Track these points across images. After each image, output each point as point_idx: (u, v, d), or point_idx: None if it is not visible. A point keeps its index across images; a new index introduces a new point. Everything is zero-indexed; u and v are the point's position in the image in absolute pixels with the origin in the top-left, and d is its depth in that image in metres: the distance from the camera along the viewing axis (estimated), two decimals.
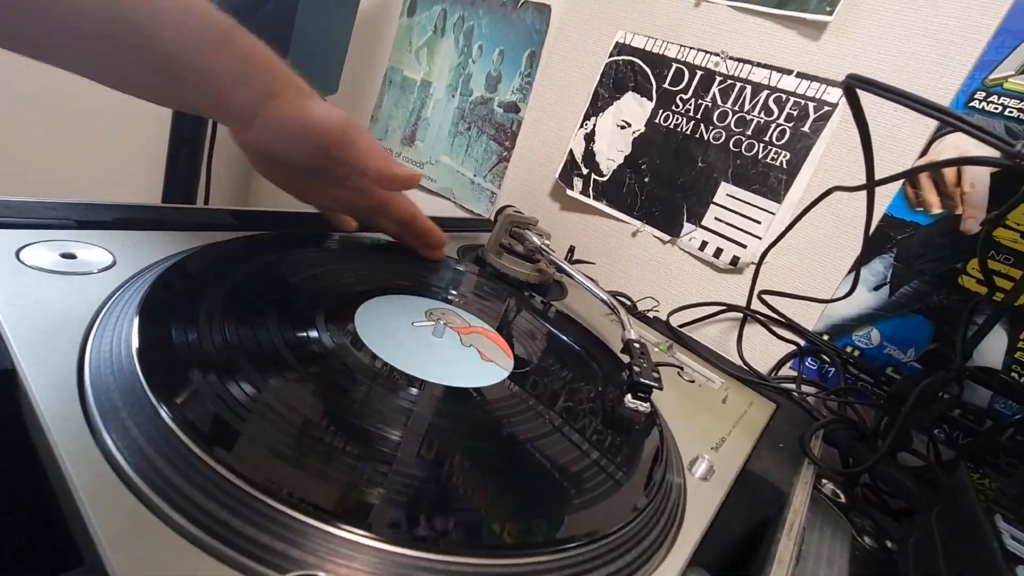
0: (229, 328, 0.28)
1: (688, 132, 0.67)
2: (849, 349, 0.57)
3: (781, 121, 0.60)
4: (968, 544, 0.26)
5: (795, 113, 0.59)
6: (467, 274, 0.52)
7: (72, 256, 0.31)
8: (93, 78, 0.33)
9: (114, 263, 0.32)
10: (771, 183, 0.61)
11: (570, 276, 0.51)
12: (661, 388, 0.36)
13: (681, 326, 0.61)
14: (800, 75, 0.59)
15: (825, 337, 0.59)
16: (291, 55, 0.61)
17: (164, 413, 0.21)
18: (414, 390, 0.30)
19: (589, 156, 0.74)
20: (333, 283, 0.39)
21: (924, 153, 0.53)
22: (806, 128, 0.59)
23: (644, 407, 0.36)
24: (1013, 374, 0.49)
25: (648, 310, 0.63)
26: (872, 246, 0.55)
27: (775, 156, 0.61)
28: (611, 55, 0.72)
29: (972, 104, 0.50)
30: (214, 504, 0.19)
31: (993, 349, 0.49)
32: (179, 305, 0.29)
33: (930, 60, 0.52)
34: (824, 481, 0.38)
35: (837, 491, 0.37)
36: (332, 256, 0.44)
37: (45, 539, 0.24)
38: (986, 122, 0.49)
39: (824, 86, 0.57)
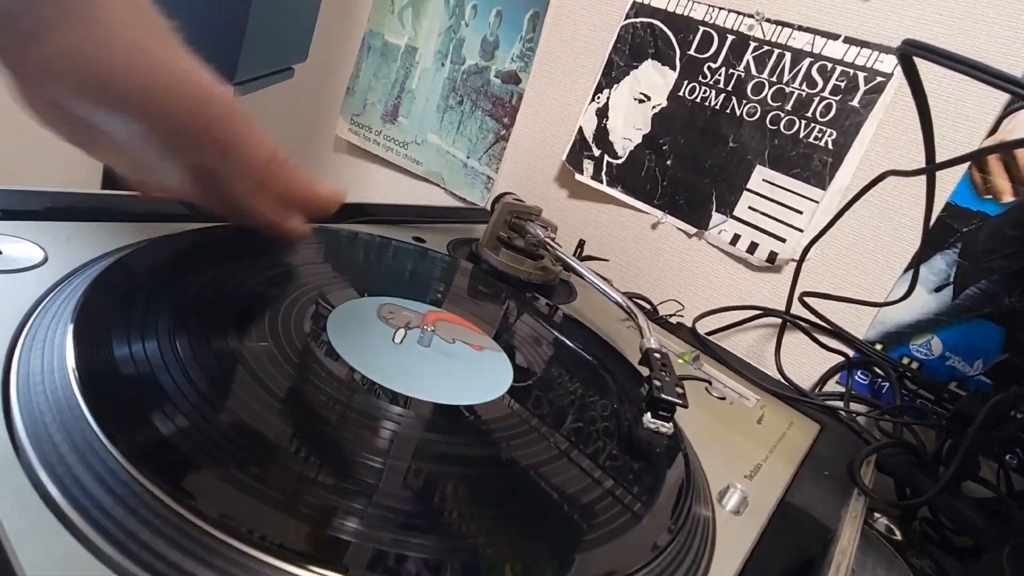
0: (180, 338, 0.28)
1: (717, 107, 0.67)
2: (906, 360, 0.57)
3: (826, 94, 0.60)
4: None
5: (843, 85, 0.59)
6: (459, 272, 0.52)
7: None
8: None
9: (45, 260, 0.32)
10: (814, 166, 0.61)
11: (579, 275, 0.51)
12: (686, 406, 0.36)
13: (709, 333, 0.61)
14: (848, 40, 0.59)
15: (878, 347, 0.59)
16: (252, 17, 0.61)
17: (101, 435, 0.21)
18: (398, 409, 0.30)
19: (602, 135, 0.74)
20: (302, 284, 0.39)
21: (993, 132, 0.53)
22: (855, 102, 0.59)
23: (666, 428, 0.36)
24: None
25: (671, 315, 0.63)
26: (933, 240, 0.55)
27: (819, 135, 0.61)
28: (627, 16, 0.72)
29: None
30: (164, 543, 0.19)
31: None
32: (122, 310, 0.29)
33: (1000, 24, 0.52)
34: (877, 515, 0.38)
35: (892, 527, 0.37)
36: (301, 252, 0.44)
37: None
38: None
39: (877, 53, 0.58)
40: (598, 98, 0.75)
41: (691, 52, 0.68)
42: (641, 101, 0.72)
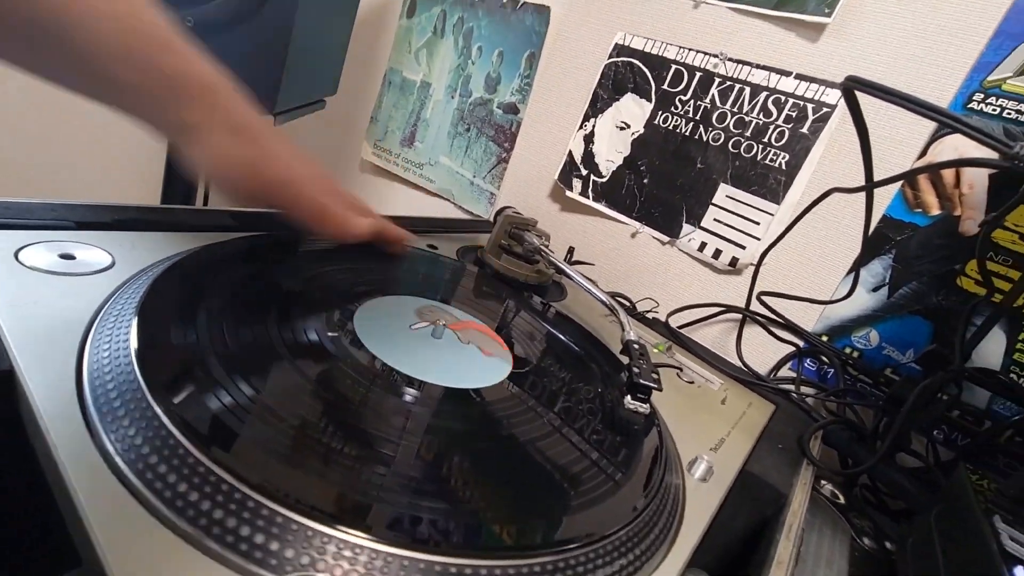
0: (228, 330, 0.28)
1: (687, 133, 0.67)
2: (848, 350, 0.57)
3: (780, 122, 0.60)
4: (967, 545, 0.26)
5: (794, 114, 0.59)
6: (466, 275, 0.52)
7: (71, 257, 0.31)
8: (22, 70, 0.30)
9: (113, 264, 0.32)
10: (770, 184, 0.61)
11: (569, 277, 0.51)
12: (660, 389, 0.36)
13: (680, 327, 0.61)
14: (799, 76, 0.59)
15: (824, 338, 0.59)
16: (290, 56, 0.61)
17: (162, 415, 0.21)
18: (413, 391, 0.30)
19: (588, 157, 0.74)
20: (332, 284, 0.39)
21: (923, 154, 0.53)
22: (805, 129, 0.59)
23: (643, 408, 0.36)
24: (1012, 375, 0.49)
25: (647, 311, 0.63)
26: (871, 247, 0.55)
27: (774, 157, 0.61)
28: (610, 56, 0.72)
29: (970, 106, 0.50)
30: (211, 505, 0.19)
31: (992, 350, 0.49)
32: (177, 306, 0.29)
33: (928, 62, 0.52)
34: (823, 482, 0.38)
35: (836, 492, 0.37)
36: (331, 257, 0.44)
37: (43, 540, 0.23)
38: (984, 124, 0.49)
39: (823, 87, 0.58)
40: (585, 126, 0.75)
41: (664, 87, 0.68)
42: (622, 128, 0.72)
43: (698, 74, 0.65)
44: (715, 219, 0.65)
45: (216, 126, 0.33)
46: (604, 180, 0.73)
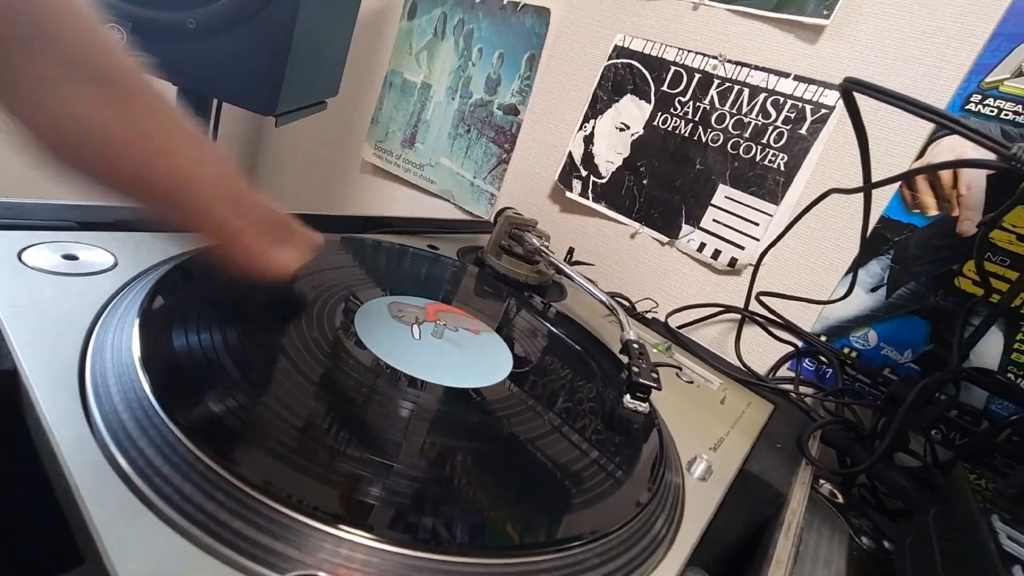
0: (230, 330, 0.28)
1: (686, 134, 0.67)
2: (846, 350, 0.57)
3: (779, 124, 0.60)
4: (964, 544, 0.26)
5: (792, 116, 0.59)
6: (467, 275, 0.52)
7: (74, 257, 0.31)
8: None
9: (116, 264, 0.32)
10: (769, 185, 0.61)
11: (569, 277, 0.51)
12: (660, 388, 0.36)
13: (680, 327, 0.61)
14: (798, 78, 0.59)
15: (823, 338, 0.59)
16: (292, 58, 0.61)
17: (164, 415, 0.21)
18: (415, 391, 0.30)
19: (588, 158, 0.74)
20: (335, 285, 0.39)
21: (921, 155, 0.53)
22: (803, 131, 0.59)
23: (643, 407, 0.36)
24: (1009, 375, 0.49)
25: (647, 311, 0.63)
26: (869, 248, 0.55)
27: (773, 158, 0.61)
28: (610, 58, 0.72)
29: (968, 107, 0.50)
30: (214, 505, 0.19)
31: (989, 350, 0.49)
32: (180, 307, 0.29)
33: (926, 63, 0.52)
34: (822, 481, 0.38)
35: (835, 491, 0.37)
36: (334, 258, 0.44)
37: (45, 539, 0.23)
38: (982, 125, 0.49)
39: (821, 89, 0.58)
40: (585, 127, 0.75)
41: (664, 88, 0.68)
42: (621, 130, 0.72)
43: (697, 75, 0.65)
44: (714, 220, 0.65)
45: (57, 64, 0.21)
46: (604, 181, 0.73)
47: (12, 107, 0.22)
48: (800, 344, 0.60)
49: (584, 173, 0.75)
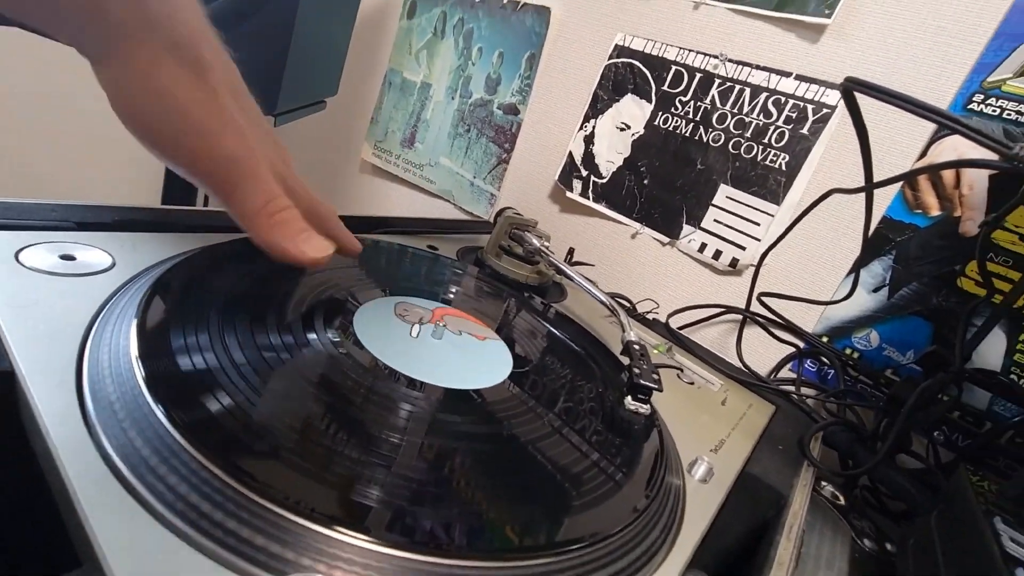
0: (228, 331, 0.28)
1: (687, 134, 0.67)
2: (848, 351, 0.57)
3: (780, 123, 0.60)
4: (967, 546, 0.26)
5: (794, 115, 0.59)
6: (467, 276, 0.52)
7: (71, 258, 0.31)
8: None
9: (113, 265, 0.32)
10: (770, 185, 0.61)
11: (569, 278, 0.51)
12: (661, 390, 0.36)
13: (680, 328, 0.61)
14: (799, 77, 0.59)
15: (824, 339, 0.59)
16: (291, 57, 0.61)
17: (162, 416, 0.21)
18: (414, 392, 0.30)
19: (588, 158, 0.74)
20: (333, 285, 0.39)
21: (923, 155, 0.53)
22: (805, 130, 0.59)
23: (644, 409, 0.36)
24: (1012, 376, 0.49)
25: (647, 312, 0.63)
26: (871, 248, 0.55)
27: (774, 158, 0.61)
28: (610, 57, 0.72)
29: (970, 107, 0.50)
30: (211, 507, 0.19)
31: (992, 351, 0.49)
32: (178, 308, 0.29)
33: (928, 63, 0.52)
34: (824, 483, 0.38)
35: (837, 493, 0.37)
36: (333, 258, 0.44)
37: (42, 542, 0.23)
38: (984, 125, 0.49)
39: (823, 88, 0.58)
40: (585, 127, 0.75)
41: (665, 88, 0.68)
42: (622, 129, 0.72)
43: (698, 75, 0.65)
44: (715, 220, 0.65)
45: (145, 34, 0.23)
46: (604, 181, 0.73)
47: (120, 82, 0.24)
48: (802, 345, 0.60)
49: (584, 173, 0.75)
